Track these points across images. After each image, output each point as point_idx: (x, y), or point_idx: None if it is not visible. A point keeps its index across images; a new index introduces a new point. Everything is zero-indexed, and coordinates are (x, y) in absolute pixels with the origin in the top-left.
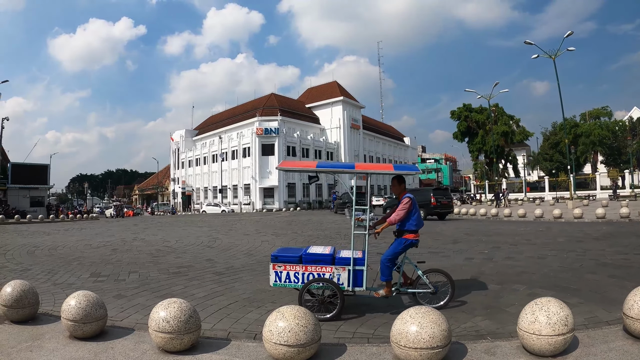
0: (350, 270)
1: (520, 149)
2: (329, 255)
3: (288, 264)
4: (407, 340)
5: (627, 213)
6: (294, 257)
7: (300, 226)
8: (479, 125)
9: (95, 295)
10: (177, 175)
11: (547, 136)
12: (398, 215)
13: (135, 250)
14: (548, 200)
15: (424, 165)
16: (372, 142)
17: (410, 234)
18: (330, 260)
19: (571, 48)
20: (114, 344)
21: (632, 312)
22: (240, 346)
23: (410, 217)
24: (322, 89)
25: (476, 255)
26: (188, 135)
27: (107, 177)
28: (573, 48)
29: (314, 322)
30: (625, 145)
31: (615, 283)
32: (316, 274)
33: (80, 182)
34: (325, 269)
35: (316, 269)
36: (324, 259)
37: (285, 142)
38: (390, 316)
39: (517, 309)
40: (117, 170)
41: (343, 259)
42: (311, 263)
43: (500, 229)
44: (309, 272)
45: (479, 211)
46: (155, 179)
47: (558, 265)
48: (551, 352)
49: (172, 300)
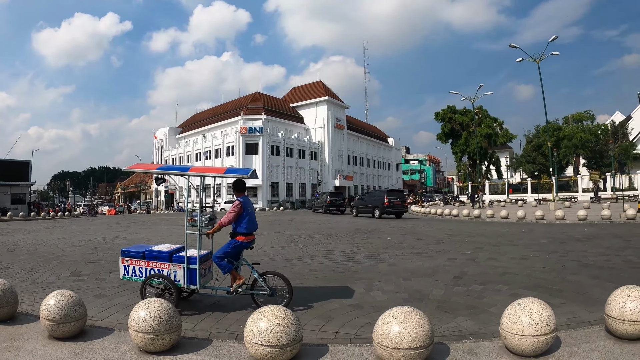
0: (185, 268)
1: (504, 151)
2: (167, 253)
3: (134, 259)
4: (390, 341)
5: (608, 215)
6: (138, 253)
7: (283, 226)
8: (463, 127)
9: (75, 294)
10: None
11: (530, 139)
12: (227, 217)
13: (117, 248)
14: (530, 202)
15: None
16: (356, 143)
17: (241, 236)
18: (168, 257)
19: (555, 52)
20: (93, 344)
21: (614, 313)
22: (221, 346)
23: (241, 220)
24: (307, 88)
25: (459, 256)
26: (172, 133)
27: (90, 175)
28: (557, 52)
29: (296, 323)
30: (607, 148)
31: (597, 284)
32: (156, 269)
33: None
34: (163, 265)
35: (156, 265)
36: (162, 256)
37: (269, 142)
38: (372, 316)
39: (499, 309)
40: (100, 167)
41: (179, 257)
42: (152, 259)
43: (483, 230)
44: (150, 267)
45: (462, 212)
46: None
47: (541, 266)
48: (534, 352)
49: (152, 300)
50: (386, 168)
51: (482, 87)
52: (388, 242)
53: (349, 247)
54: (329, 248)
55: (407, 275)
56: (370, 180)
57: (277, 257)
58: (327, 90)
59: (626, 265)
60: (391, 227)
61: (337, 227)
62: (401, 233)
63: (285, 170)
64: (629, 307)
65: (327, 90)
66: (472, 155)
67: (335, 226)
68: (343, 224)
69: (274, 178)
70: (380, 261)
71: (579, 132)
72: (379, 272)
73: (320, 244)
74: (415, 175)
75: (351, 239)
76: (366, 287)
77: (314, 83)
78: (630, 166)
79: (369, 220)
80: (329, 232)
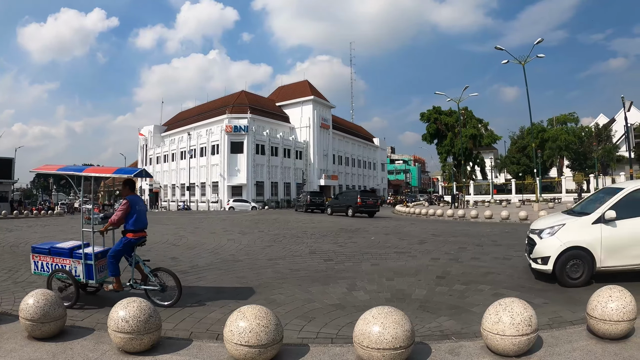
0: (83, 264)
1: (488, 151)
2: (68, 249)
3: (41, 255)
4: (370, 341)
5: None
6: (45, 249)
7: (267, 225)
8: (448, 127)
9: (54, 294)
10: None
11: (514, 140)
12: (116, 215)
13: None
14: (514, 202)
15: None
16: (342, 142)
17: (130, 233)
18: (69, 253)
19: (541, 55)
20: (73, 345)
21: (596, 313)
22: (201, 347)
23: (130, 218)
24: (293, 87)
25: (442, 256)
26: (157, 131)
27: None
28: (543, 55)
29: (276, 322)
30: (590, 150)
31: None
32: (59, 265)
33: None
34: (65, 261)
35: (60, 261)
36: (64, 252)
37: (255, 140)
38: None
39: (482, 309)
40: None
41: (78, 254)
42: (56, 255)
43: (467, 230)
44: (55, 262)
45: (446, 212)
46: None
47: (524, 266)
48: (515, 352)
49: (132, 300)
50: (371, 168)
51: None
52: (372, 241)
53: (332, 246)
54: (313, 247)
55: (390, 275)
56: (355, 180)
57: (260, 256)
58: (313, 89)
59: None
60: (375, 226)
61: (320, 226)
62: (385, 233)
63: (270, 169)
64: (611, 307)
65: (313, 90)
66: (457, 155)
67: (319, 225)
68: (327, 223)
69: (259, 177)
70: (364, 261)
71: (563, 134)
72: (362, 271)
73: (303, 244)
74: (401, 175)
75: (335, 238)
76: (349, 287)
77: (299, 82)
78: (613, 168)
79: (352, 220)
80: (312, 231)
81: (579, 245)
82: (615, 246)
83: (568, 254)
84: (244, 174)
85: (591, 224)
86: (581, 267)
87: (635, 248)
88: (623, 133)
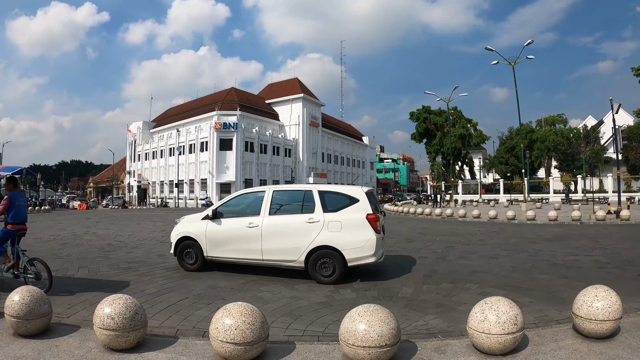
0: None
1: (477, 151)
2: None
3: None
4: (356, 339)
5: (578, 216)
6: None
7: None
8: (437, 127)
9: (40, 290)
10: (133, 168)
11: (503, 140)
12: None
13: (86, 244)
14: (502, 202)
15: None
16: (331, 140)
17: (10, 225)
18: None
19: (530, 56)
20: (58, 342)
21: (581, 312)
22: (187, 344)
23: (10, 212)
24: (282, 85)
25: (430, 254)
26: (145, 128)
27: (61, 169)
28: (532, 56)
29: (261, 320)
30: (578, 151)
31: (565, 283)
32: None
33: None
34: None
35: None
36: None
37: (244, 138)
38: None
39: (468, 307)
40: (72, 161)
41: None
42: None
43: (455, 229)
44: None
45: (434, 211)
46: (111, 171)
47: (510, 265)
48: (501, 350)
49: (118, 297)
50: (360, 166)
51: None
52: None
53: None
54: None
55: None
56: (344, 178)
57: None
58: (303, 87)
59: (594, 265)
60: None
61: None
62: None
63: (259, 166)
64: (597, 306)
65: (303, 88)
66: (445, 155)
67: None
68: None
69: (247, 174)
70: None
71: (552, 135)
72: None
73: None
74: (390, 174)
75: None
76: (335, 285)
77: (289, 80)
78: (601, 169)
79: None
80: None
81: (189, 235)
82: (216, 240)
83: (184, 243)
84: (232, 171)
85: (201, 219)
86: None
87: (230, 244)
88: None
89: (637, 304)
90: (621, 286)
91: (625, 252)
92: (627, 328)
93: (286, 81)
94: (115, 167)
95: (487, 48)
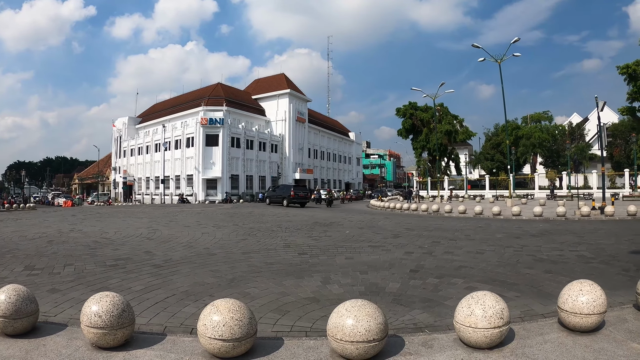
0: None
1: (463, 148)
2: None
3: None
4: (343, 334)
5: (563, 212)
6: None
7: (241, 218)
8: (424, 123)
9: (26, 289)
10: (118, 165)
11: (489, 137)
12: None
13: (72, 242)
14: (488, 198)
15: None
16: (317, 136)
17: None
18: None
19: (517, 54)
20: (45, 341)
21: (566, 306)
22: (175, 341)
23: None
24: (269, 80)
25: (416, 250)
26: (131, 123)
27: (46, 165)
28: (519, 54)
29: (249, 316)
30: (563, 148)
31: (550, 278)
32: None
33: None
34: None
35: None
36: None
37: (230, 133)
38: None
39: (455, 302)
40: (57, 157)
41: None
42: None
43: (441, 224)
44: None
45: (420, 207)
46: (96, 167)
47: (496, 260)
48: (487, 344)
49: (105, 294)
50: (347, 162)
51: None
52: (346, 235)
53: (307, 240)
54: (287, 241)
55: (364, 269)
56: (330, 174)
57: (234, 250)
58: (290, 83)
59: (579, 260)
60: (350, 220)
61: (295, 220)
62: (359, 227)
63: (245, 162)
64: (581, 300)
65: (290, 83)
66: (432, 151)
67: (294, 219)
68: (302, 217)
69: (234, 170)
70: (338, 254)
71: (537, 131)
72: (336, 265)
73: (278, 237)
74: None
75: (309, 232)
76: (323, 280)
77: (276, 75)
78: (585, 166)
79: (327, 214)
80: (287, 225)
81: None
82: None
83: None
84: (219, 167)
85: None
86: None
87: None
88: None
89: (621, 298)
90: (606, 281)
91: (610, 248)
92: (612, 321)
93: (273, 77)
94: (100, 164)
95: (474, 45)
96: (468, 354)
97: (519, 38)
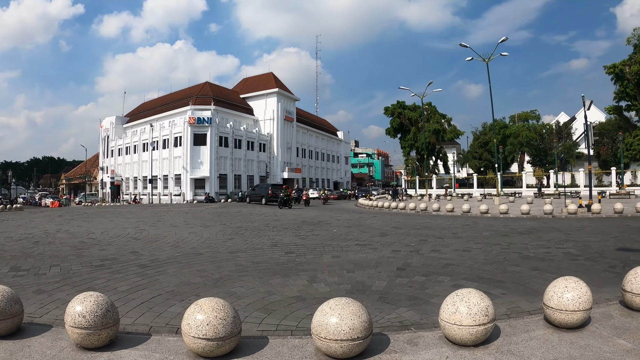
0: None
1: (451, 146)
2: None
3: None
4: (328, 332)
5: (550, 210)
6: None
7: (229, 218)
8: (412, 122)
9: (11, 290)
10: (106, 164)
11: (477, 135)
12: None
13: (59, 242)
14: (476, 196)
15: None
16: (305, 135)
17: None
18: None
19: (505, 53)
20: (30, 342)
21: (552, 303)
22: (160, 341)
23: None
24: (257, 79)
25: (403, 248)
26: (119, 122)
27: (33, 165)
28: (507, 53)
29: (233, 315)
30: (551, 147)
31: (537, 275)
32: None
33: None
34: None
35: None
36: None
37: (218, 132)
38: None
39: (441, 300)
40: (44, 157)
41: None
42: None
43: (428, 223)
44: None
45: (408, 205)
46: (84, 167)
47: (483, 258)
48: (472, 341)
49: (89, 294)
50: (335, 161)
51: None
52: (333, 234)
53: (294, 239)
54: (274, 240)
55: (351, 267)
56: (318, 173)
57: (221, 249)
58: (278, 82)
59: (565, 258)
60: (337, 219)
61: (283, 219)
62: (347, 225)
63: (233, 161)
64: (567, 297)
65: (278, 82)
66: (420, 150)
67: (282, 218)
68: (289, 216)
69: (222, 169)
70: (325, 253)
71: (525, 130)
72: (323, 264)
73: (265, 236)
74: (364, 168)
75: (297, 231)
76: (309, 279)
77: (264, 74)
78: (572, 164)
79: (315, 213)
80: (274, 224)
81: None
82: None
83: None
84: (207, 166)
85: None
86: None
87: None
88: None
89: (607, 294)
90: (592, 277)
91: (596, 245)
92: (598, 318)
93: (261, 76)
94: (88, 164)
95: (462, 44)
96: (453, 352)
97: (506, 38)
